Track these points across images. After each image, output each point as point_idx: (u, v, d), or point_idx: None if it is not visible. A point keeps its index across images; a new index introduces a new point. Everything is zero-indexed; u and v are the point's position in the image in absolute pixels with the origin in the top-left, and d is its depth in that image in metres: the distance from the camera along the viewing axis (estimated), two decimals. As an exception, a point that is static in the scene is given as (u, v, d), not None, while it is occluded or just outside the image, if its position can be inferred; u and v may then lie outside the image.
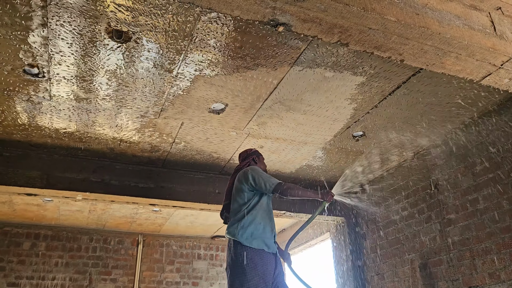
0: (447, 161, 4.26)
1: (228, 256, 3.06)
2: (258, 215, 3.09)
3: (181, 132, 4.17)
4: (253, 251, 2.94)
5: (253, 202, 3.13)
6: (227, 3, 2.01)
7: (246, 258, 2.91)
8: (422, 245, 4.43)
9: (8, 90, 3.40)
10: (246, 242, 2.96)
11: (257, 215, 3.09)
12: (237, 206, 3.17)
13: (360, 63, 3.19)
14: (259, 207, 3.14)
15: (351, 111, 3.88)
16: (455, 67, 2.54)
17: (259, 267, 2.91)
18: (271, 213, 3.23)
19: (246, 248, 2.94)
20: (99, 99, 3.58)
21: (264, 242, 3.02)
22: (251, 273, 2.86)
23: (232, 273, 2.94)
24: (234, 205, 3.20)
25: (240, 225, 3.03)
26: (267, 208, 3.20)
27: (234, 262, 2.95)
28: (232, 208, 3.22)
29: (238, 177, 3.28)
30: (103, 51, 2.98)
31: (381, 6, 2.17)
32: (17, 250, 6.57)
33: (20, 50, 2.95)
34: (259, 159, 3.50)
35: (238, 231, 3.01)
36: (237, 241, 2.99)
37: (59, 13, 2.62)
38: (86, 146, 4.40)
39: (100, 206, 5.96)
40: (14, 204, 5.82)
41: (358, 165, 4.30)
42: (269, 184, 3.08)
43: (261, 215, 3.11)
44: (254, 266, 2.89)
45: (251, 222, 3.04)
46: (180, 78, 3.32)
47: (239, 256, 2.93)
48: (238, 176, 3.29)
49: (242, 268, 2.89)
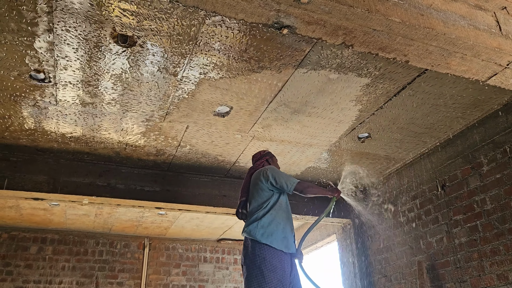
0: (453, 162, 4.24)
1: (245, 256, 3.03)
2: (278, 214, 3.10)
3: (186, 135, 4.18)
4: (272, 252, 2.93)
5: (272, 201, 3.14)
6: (232, 7, 2.02)
7: (265, 259, 2.90)
8: (429, 247, 4.40)
9: (14, 95, 3.42)
10: (266, 241, 2.95)
11: (276, 214, 3.10)
12: (256, 205, 3.17)
13: (365, 65, 3.19)
14: (279, 206, 3.15)
15: (356, 113, 3.88)
16: (461, 68, 2.53)
17: (278, 270, 2.90)
18: (290, 212, 3.25)
19: (265, 248, 2.94)
20: (104, 104, 3.60)
21: (283, 243, 3.02)
22: (269, 276, 2.85)
23: (250, 274, 2.92)
24: (253, 204, 3.20)
25: (260, 224, 3.02)
26: (286, 208, 3.22)
27: (252, 262, 2.93)
28: (251, 207, 3.21)
29: (256, 175, 3.29)
30: (108, 55, 3.00)
31: (386, 7, 2.17)
32: (24, 254, 6.60)
33: (26, 55, 2.97)
34: (272, 160, 3.54)
35: (258, 230, 3.00)
36: (256, 241, 2.97)
37: (65, 19, 2.64)
38: (92, 150, 4.42)
39: (106, 210, 5.98)
40: (21, 208, 5.85)
41: (357, 166, 4.34)
42: (290, 183, 3.13)
43: (280, 215, 3.12)
44: (273, 268, 2.88)
45: (271, 222, 3.04)
46: (185, 81, 3.33)
47: (257, 257, 2.92)
48: (256, 174, 3.31)
49: (260, 270, 2.88)
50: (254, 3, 2.00)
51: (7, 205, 5.70)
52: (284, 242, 3.02)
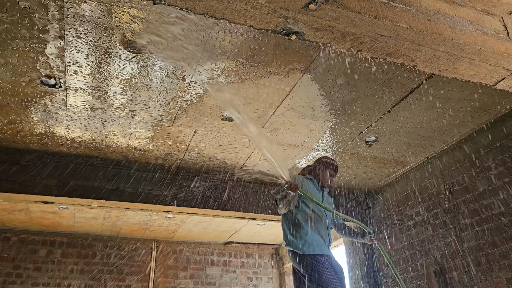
0: (461, 166, 4.23)
1: (298, 267, 3.09)
2: (310, 222, 3.15)
3: (194, 139, 4.21)
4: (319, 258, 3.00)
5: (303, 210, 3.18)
6: (241, 14, 2.05)
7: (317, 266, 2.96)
8: (437, 251, 4.39)
9: (25, 100, 3.47)
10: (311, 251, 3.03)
11: (310, 222, 3.14)
12: (291, 215, 3.22)
13: (372, 69, 3.20)
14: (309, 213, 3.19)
15: (363, 116, 3.88)
16: (468, 72, 2.53)
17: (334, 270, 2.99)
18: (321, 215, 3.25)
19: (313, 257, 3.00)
20: (113, 108, 3.64)
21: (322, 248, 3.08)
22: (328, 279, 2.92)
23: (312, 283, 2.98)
24: (288, 215, 3.24)
25: (298, 236, 3.09)
26: (315, 213, 3.24)
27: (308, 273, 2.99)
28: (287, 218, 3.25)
29: None
30: (118, 61, 3.03)
31: (393, 13, 2.18)
32: (34, 257, 6.66)
33: (37, 61, 3.02)
34: (323, 171, 3.45)
35: (299, 243, 3.06)
36: (302, 253, 3.04)
37: (76, 26, 2.68)
38: (101, 154, 4.46)
39: (115, 213, 6.02)
40: (31, 211, 5.91)
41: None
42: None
43: (313, 221, 3.16)
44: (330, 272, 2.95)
45: (307, 231, 3.10)
46: (193, 86, 3.36)
47: (309, 267, 2.98)
48: None
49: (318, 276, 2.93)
50: (263, 10, 2.02)
51: (17, 209, 5.76)
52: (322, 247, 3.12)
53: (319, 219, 3.21)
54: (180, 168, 4.84)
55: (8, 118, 3.73)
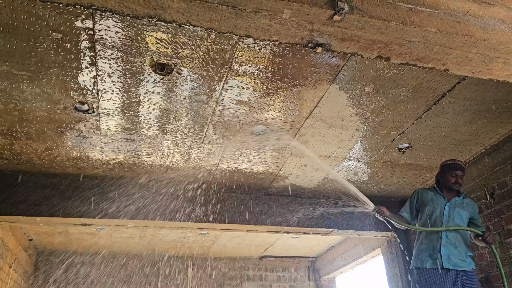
0: (501, 169, 4.05)
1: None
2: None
3: (225, 155, 4.22)
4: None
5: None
6: (265, 30, 2.05)
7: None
8: (481, 258, 4.20)
9: (61, 127, 3.59)
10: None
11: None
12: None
13: (401, 75, 3.14)
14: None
15: (395, 124, 3.80)
16: (504, 73, 2.44)
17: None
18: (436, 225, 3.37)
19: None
20: (144, 130, 3.71)
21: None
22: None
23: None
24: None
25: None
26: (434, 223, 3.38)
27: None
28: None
29: None
30: (147, 84, 3.10)
31: (420, 18, 2.14)
32: (73, 277, 6.82)
33: (71, 90, 3.12)
34: (442, 176, 3.51)
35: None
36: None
37: (106, 53, 2.76)
38: (135, 175, 4.54)
39: (150, 232, 6.10)
40: (70, 234, 6.07)
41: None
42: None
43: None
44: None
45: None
46: (221, 103, 3.39)
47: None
48: None
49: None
50: (287, 25, 2.02)
51: (56, 231, 5.93)
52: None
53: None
54: (211, 184, 4.87)
55: (46, 145, 3.86)
